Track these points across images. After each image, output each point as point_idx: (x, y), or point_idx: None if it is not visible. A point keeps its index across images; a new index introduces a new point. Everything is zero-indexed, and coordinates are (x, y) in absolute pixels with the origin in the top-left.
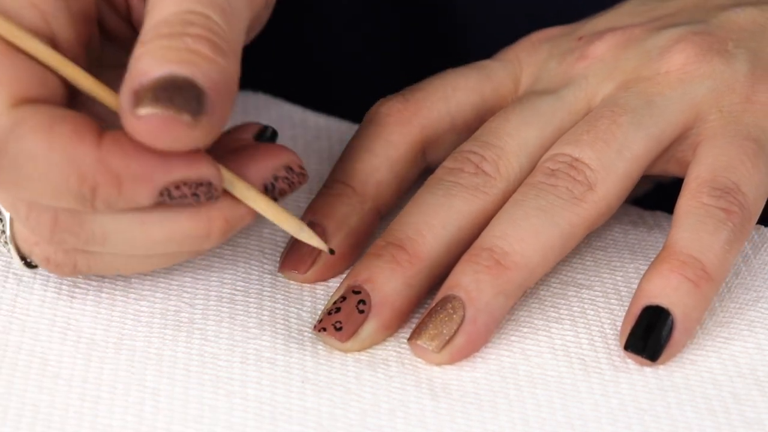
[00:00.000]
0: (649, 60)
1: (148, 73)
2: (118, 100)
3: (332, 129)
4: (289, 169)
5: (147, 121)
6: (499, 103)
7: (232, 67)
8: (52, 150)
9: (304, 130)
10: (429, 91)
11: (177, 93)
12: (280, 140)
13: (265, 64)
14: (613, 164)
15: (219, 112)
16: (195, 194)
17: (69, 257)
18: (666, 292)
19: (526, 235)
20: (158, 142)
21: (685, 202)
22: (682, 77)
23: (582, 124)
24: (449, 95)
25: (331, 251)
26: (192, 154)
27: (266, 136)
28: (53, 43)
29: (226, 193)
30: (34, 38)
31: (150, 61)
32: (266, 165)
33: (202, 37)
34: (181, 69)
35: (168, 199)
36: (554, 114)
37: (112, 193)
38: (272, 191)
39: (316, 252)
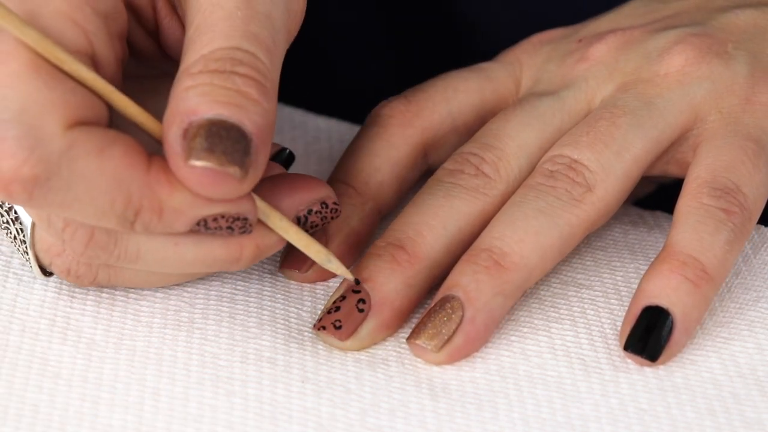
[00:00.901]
0: (648, 61)
1: (198, 112)
2: (162, 130)
3: (332, 130)
4: (324, 204)
5: (200, 173)
6: (499, 105)
7: (272, 107)
8: (102, 172)
9: (305, 131)
10: (430, 93)
11: (228, 142)
12: (280, 142)
13: None
14: (612, 165)
15: (262, 158)
16: (230, 227)
17: (91, 270)
18: (666, 293)
19: (525, 236)
20: (206, 193)
21: (685, 202)
22: (681, 79)
23: (581, 125)
24: (450, 97)
25: (357, 281)
26: None
27: (282, 157)
28: (94, 62)
29: (259, 221)
30: (80, 63)
31: (199, 99)
32: (302, 198)
33: (250, 78)
34: (231, 113)
35: (203, 228)
36: (554, 115)
37: (153, 219)
38: (304, 223)
39: None
